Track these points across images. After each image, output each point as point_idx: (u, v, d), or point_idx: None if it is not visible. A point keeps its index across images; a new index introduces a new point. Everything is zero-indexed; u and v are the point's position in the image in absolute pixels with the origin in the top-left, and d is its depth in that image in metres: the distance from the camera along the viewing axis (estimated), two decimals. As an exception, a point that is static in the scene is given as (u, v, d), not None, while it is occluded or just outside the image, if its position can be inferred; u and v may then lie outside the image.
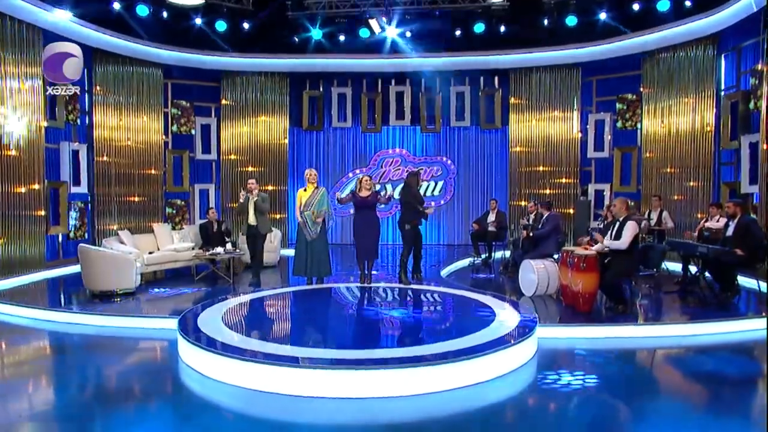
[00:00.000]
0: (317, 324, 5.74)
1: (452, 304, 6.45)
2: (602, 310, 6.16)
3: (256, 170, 13.12)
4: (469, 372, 4.18)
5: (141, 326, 6.15)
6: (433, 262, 10.39)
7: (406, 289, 7.21)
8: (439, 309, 6.38)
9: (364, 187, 7.53)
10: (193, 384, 4.41)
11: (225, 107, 13.00)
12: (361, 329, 5.46)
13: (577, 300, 5.99)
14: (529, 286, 6.99)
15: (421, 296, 6.87)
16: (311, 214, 7.50)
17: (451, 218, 13.69)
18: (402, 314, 5.97)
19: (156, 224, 10.03)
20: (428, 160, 13.70)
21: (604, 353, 5.06)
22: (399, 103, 13.39)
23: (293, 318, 6.11)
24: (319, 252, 7.59)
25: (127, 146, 11.28)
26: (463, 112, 13.30)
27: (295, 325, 5.81)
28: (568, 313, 6.08)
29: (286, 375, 4.08)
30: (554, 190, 12.53)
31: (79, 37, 9.90)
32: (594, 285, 5.93)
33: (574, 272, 6.01)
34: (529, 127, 12.78)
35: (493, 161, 13.47)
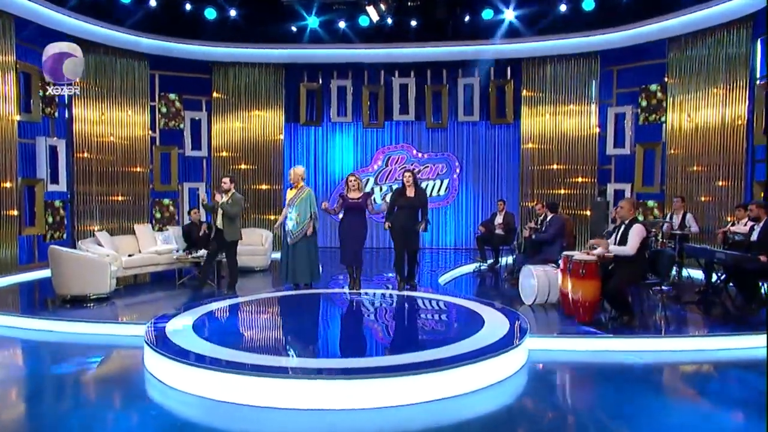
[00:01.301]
0: (292, 332, 5.82)
1: (439, 312, 6.50)
2: (605, 320, 6.11)
3: (249, 168, 13.19)
4: (441, 384, 4.18)
5: (110, 333, 6.23)
6: (435, 267, 10.39)
7: (394, 296, 7.27)
8: (425, 317, 6.42)
9: (352, 187, 7.57)
10: (154, 394, 4.46)
11: (216, 101, 13.08)
12: (333, 337, 5.51)
13: (577, 309, 5.97)
14: (529, 293, 6.99)
15: (409, 304, 6.92)
16: (293, 216, 7.60)
17: (458, 220, 13.63)
18: (381, 322, 6.04)
19: (138, 225, 10.11)
20: (434, 157, 13.67)
21: (600, 368, 5.01)
22: (403, 96, 13.37)
23: (269, 326, 6.20)
24: (301, 256, 7.63)
25: (110, 142, 11.39)
26: (472, 105, 13.26)
27: (268, 332, 5.89)
28: (566, 324, 6.05)
29: (250, 384, 4.14)
30: (569, 190, 12.43)
31: (56, 24, 10.05)
32: (595, 293, 5.89)
33: (573, 279, 5.98)
34: (542, 122, 12.68)
35: (503, 158, 13.40)
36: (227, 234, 7.81)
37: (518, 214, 12.11)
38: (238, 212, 7.89)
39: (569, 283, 6.06)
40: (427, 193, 13.42)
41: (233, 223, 7.83)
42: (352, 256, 7.56)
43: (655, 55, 11.34)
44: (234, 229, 7.85)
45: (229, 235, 7.82)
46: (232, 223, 7.82)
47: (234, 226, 7.84)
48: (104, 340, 6.08)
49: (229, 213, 7.75)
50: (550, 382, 4.74)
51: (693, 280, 8.50)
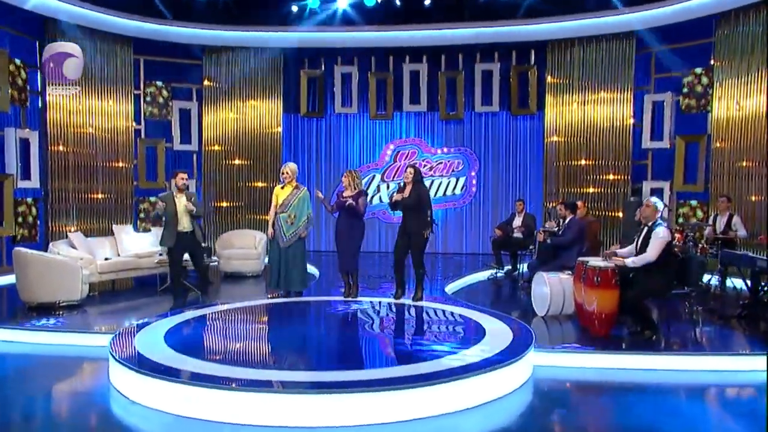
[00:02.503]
0: (275, 343, 5.93)
1: (438, 323, 6.58)
2: (626, 335, 6.05)
3: (243, 163, 13.25)
4: (428, 401, 4.22)
5: (76, 344, 6.28)
6: (446, 273, 10.41)
7: (392, 305, 7.38)
8: (421, 328, 6.51)
9: (345, 185, 7.70)
10: (117, 410, 4.51)
11: (208, 89, 13.14)
12: (318, 348, 5.62)
13: (592, 322, 5.93)
14: (541, 303, 6.94)
15: (406, 313, 7.01)
16: (287, 217, 7.70)
17: (475, 222, 13.59)
18: (373, 333, 6.15)
19: (117, 226, 10.19)
20: (449, 153, 13.60)
21: (613, 387, 4.98)
22: (414, 84, 13.34)
23: (252, 336, 6.25)
24: (293, 261, 7.77)
25: (89, 134, 11.47)
26: (490, 94, 13.16)
27: (250, 343, 5.93)
28: (580, 337, 6.03)
29: (216, 399, 4.21)
30: (599, 189, 12.25)
31: (28, 4, 10.08)
32: (611, 304, 5.84)
33: (588, 288, 5.93)
34: (569, 112, 12.53)
35: (525, 153, 13.33)
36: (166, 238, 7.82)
37: (541, 216, 11.98)
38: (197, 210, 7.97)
39: (583, 292, 6.01)
40: (441, 192, 13.42)
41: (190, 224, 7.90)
42: (345, 260, 7.66)
43: (700, 34, 11.05)
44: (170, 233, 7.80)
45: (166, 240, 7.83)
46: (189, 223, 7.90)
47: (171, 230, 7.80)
48: (69, 351, 6.12)
49: (199, 212, 7.89)
50: (552, 402, 4.69)
51: (739, 291, 8.35)
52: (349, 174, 7.73)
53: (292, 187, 7.85)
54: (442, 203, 13.55)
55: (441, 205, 13.48)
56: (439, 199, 13.50)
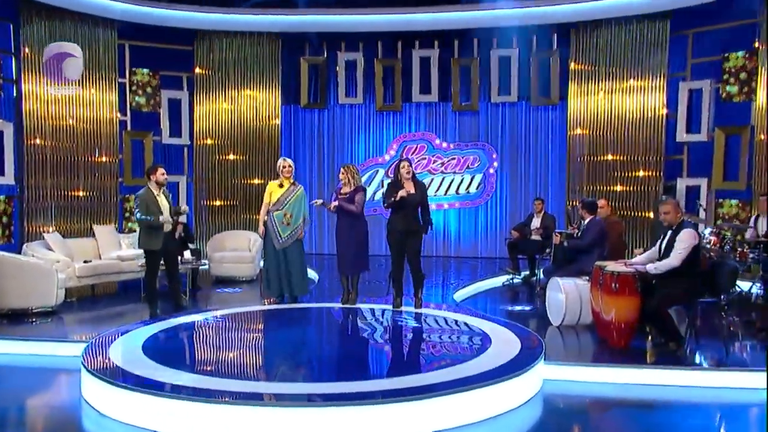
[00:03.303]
0: (266, 353, 6.07)
1: (440, 332, 6.72)
2: (647, 347, 6.07)
3: (238, 159, 13.27)
4: (421, 415, 4.30)
5: (47, 354, 6.37)
6: (456, 279, 10.43)
7: (392, 313, 7.43)
8: (420, 337, 6.60)
9: (342, 181, 7.79)
10: (88, 425, 4.60)
11: (199, 78, 13.16)
12: (312, 359, 5.72)
13: (610, 332, 5.93)
14: (556, 311, 6.93)
15: (407, 321, 7.08)
16: (282, 216, 7.79)
17: (492, 223, 13.53)
18: (369, 343, 6.26)
19: (98, 227, 10.25)
20: (462, 147, 13.56)
21: (632, 404, 4.96)
22: (425, 71, 13.27)
23: (240, 345, 6.33)
24: (292, 263, 7.86)
25: (69, 126, 11.43)
26: (508, 83, 13.10)
27: (237, 353, 5.97)
28: (596, 349, 6.04)
29: (201, 413, 4.29)
30: (628, 187, 12.09)
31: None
32: (631, 313, 5.82)
33: (605, 295, 5.92)
34: (595, 102, 12.38)
35: (546, 148, 13.22)
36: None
37: (564, 216, 11.91)
38: None
39: (600, 299, 6.00)
40: (452, 190, 13.41)
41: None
42: (344, 262, 7.75)
43: (743, 14, 10.87)
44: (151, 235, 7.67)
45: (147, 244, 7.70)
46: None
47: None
48: (41, 362, 6.21)
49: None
50: (563, 419, 4.73)
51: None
52: (347, 169, 7.79)
53: (289, 184, 7.93)
54: (453, 202, 13.54)
55: (450, 204, 13.47)
56: (450, 198, 13.50)
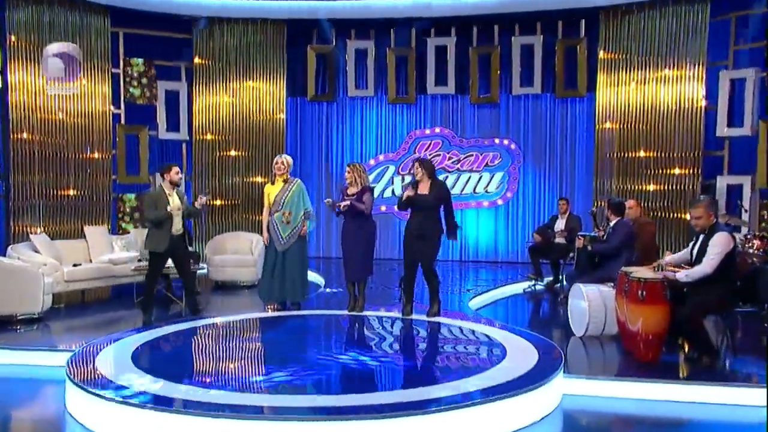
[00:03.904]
0: (264, 362, 6.11)
1: (452, 342, 6.73)
2: (677, 361, 6.02)
3: (240, 155, 13.32)
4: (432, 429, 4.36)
5: (32, 363, 6.40)
6: (471, 285, 10.43)
7: (400, 321, 7.50)
8: (430, 347, 6.65)
9: (348, 181, 7.85)
10: None
11: (199, 68, 13.19)
12: (315, 370, 5.75)
13: (637, 344, 5.89)
14: (579, 321, 6.88)
15: (416, 330, 7.14)
16: (281, 216, 7.88)
17: (514, 224, 13.54)
18: (377, 353, 6.28)
19: (89, 228, 10.29)
20: (481, 144, 13.54)
21: (659, 423, 4.95)
22: (441, 61, 13.25)
23: (238, 355, 6.35)
24: (293, 267, 7.94)
25: (59, 120, 11.52)
26: (531, 73, 13.05)
27: (235, 363, 6.00)
28: (622, 362, 5.99)
29: (188, 426, 4.36)
30: (662, 186, 11.95)
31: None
32: (659, 323, 5.78)
33: (631, 304, 5.88)
34: (626, 94, 12.26)
35: (572, 143, 13.19)
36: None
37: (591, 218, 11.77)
38: None
39: (626, 308, 5.95)
40: (469, 188, 13.43)
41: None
42: (350, 267, 7.81)
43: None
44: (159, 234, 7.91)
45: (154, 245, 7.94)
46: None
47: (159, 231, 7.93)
48: (24, 372, 6.25)
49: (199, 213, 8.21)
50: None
51: None
52: (353, 168, 7.83)
53: (283, 182, 8.01)
54: (469, 202, 13.52)
55: (466, 204, 13.44)
56: (466, 197, 13.48)
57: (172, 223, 7.80)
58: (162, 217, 7.67)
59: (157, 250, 7.79)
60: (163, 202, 7.73)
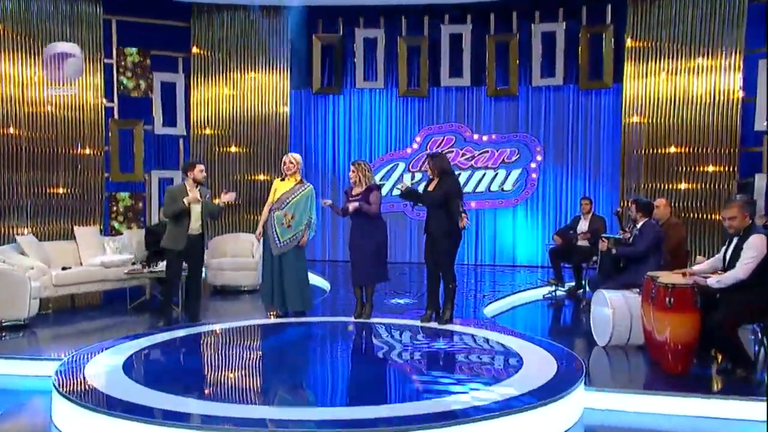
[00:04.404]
0: (266, 372, 6.16)
1: (464, 352, 6.77)
2: (709, 373, 6.01)
3: (241, 151, 13.38)
4: None
5: (17, 373, 6.45)
6: (487, 290, 10.50)
7: (411, 329, 7.54)
8: (442, 357, 6.64)
9: (352, 181, 7.88)
10: None
11: (197, 59, 13.23)
12: (319, 380, 5.81)
13: (664, 355, 5.85)
14: (602, 330, 6.85)
15: (427, 339, 7.15)
16: (282, 216, 7.92)
17: (533, 226, 13.54)
18: (384, 362, 6.33)
19: (79, 228, 10.33)
20: (499, 140, 13.52)
21: None
22: (455, 51, 13.25)
23: (238, 364, 6.38)
24: (289, 273, 7.97)
25: (48, 113, 11.55)
26: (553, 63, 13.04)
27: (235, 374, 6.04)
28: (648, 374, 5.97)
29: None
30: (695, 184, 11.81)
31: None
32: (689, 332, 5.76)
33: (658, 311, 5.85)
34: (656, 85, 12.14)
35: (597, 139, 13.20)
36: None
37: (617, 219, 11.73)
38: None
39: (653, 316, 5.92)
40: (483, 186, 13.47)
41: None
42: (357, 271, 7.86)
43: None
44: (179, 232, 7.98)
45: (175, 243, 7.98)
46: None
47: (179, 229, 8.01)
48: (8, 383, 6.29)
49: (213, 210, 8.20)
50: None
51: None
52: (357, 167, 7.86)
53: (296, 182, 8.04)
54: (483, 201, 13.52)
55: (479, 204, 13.47)
56: (480, 196, 13.47)
57: (189, 221, 7.85)
58: (176, 210, 7.72)
59: (174, 248, 7.84)
60: (182, 197, 7.81)
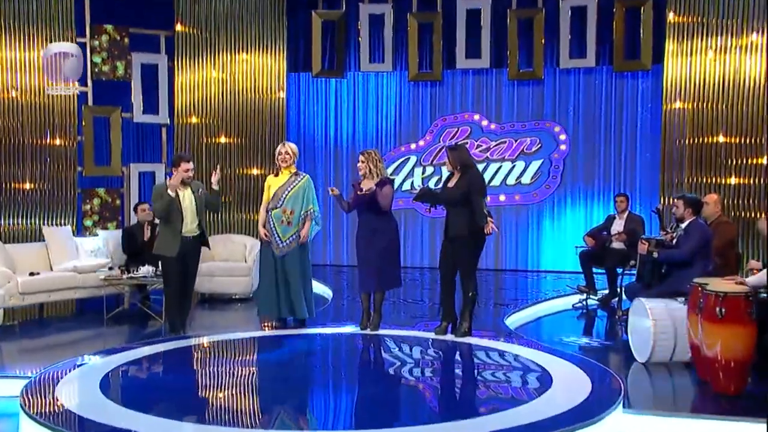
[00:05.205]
0: (262, 392, 6.15)
1: (484, 368, 6.81)
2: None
3: (231, 142, 13.34)
4: None
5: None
6: (508, 298, 10.58)
7: (423, 342, 7.58)
8: (461, 374, 6.73)
9: (361, 173, 7.86)
10: None
11: (182, 37, 13.18)
12: (321, 401, 5.88)
13: (715, 373, 5.82)
14: (642, 343, 6.80)
15: (441, 353, 7.22)
16: (281, 213, 7.94)
17: (559, 226, 13.56)
18: (395, 380, 6.35)
19: (49, 228, 10.30)
20: (518, 128, 13.55)
21: None
22: (473, 29, 13.27)
23: (230, 383, 6.34)
24: (295, 277, 8.00)
25: (12, 99, 11.53)
26: (583, 42, 13.05)
27: (226, 393, 6.03)
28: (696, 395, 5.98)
29: None
30: (744, 179, 11.63)
31: None
32: (743, 347, 5.74)
33: (707, 323, 5.80)
34: (702, 65, 11.94)
35: (634, 127, 13.19)
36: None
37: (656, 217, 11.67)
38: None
39: (701, 329, 5.88)
40: (497, 180, 13.53)
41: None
42: (365, 275, 7.87)
43: None
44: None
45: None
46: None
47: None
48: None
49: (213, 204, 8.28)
50: None
51: None
52: (368, 156, 7.86)
53: (290, 174, 8.05)
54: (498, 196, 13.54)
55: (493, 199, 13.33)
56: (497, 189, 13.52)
57: (182, 222, 7.82)
58: (164, 205, 7.70)
59: (166, 254, 7.81)
60: (169, 194, 7.80)
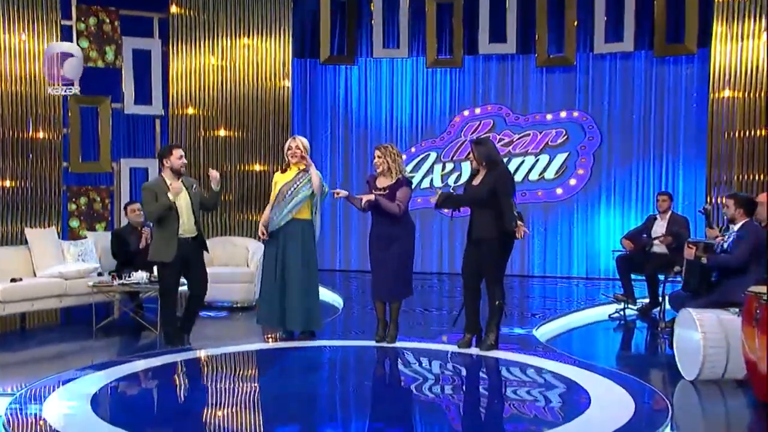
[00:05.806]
0: (267, 410, 6.13)
1: (514, 385, 6.82)
2: None
3: (231, 135, 13.27)
4: None
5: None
6: (537, 308, 10.62)
7: (446, 355, 7.62)
8: (490, 391, 6.72)
9: (378, 169, 7.83)
10: None
11: (177, 20, 13.08)
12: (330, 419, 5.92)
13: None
14: (689, 358, 6.73)
15: (466, 368, 7.26)
16: (284, 213, 7.96)
17: (592, 228, 13.60)
18: (416, 397, 6.36)
19: (32, 231, 10.29)
20: (542, 119, 13.66)
21: None
22: (497, 10, 13.38)
23: (232, 400, 6.44)
24: (302, 282, 7.96)
25: (-9, 88, 11.57)
26: (620, 25, 13.06)
27: (227, 411, 6.10)
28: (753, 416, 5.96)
29: None
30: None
31: None
32: None
33: (765, 336, 5.72)
34: (754, 50, 11.76)
35: (677, 118, 13.17)
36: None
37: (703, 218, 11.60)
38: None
39: (757, 343, 5.82)
40: (519, 176, 13.53)
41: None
42: (379, 283, 7.89)
43: None
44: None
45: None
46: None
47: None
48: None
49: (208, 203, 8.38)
50: None
51: None
52: (385, 151, 7.83)
53: (298, 170, 8.04)
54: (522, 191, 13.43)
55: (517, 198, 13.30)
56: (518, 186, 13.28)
57: (179, 223, 7.83)
58: (163, 208, 7.74)
59: (162, 259, 7.85)
60: (163, 191, 7.81)
